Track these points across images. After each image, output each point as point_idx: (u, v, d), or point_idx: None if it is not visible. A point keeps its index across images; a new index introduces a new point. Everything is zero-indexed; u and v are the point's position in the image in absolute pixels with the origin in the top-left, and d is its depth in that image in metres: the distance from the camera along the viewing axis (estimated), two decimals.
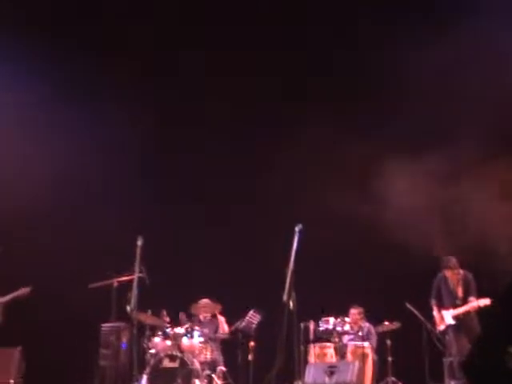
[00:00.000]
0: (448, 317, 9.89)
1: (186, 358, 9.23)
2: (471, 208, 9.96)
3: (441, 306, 10.02)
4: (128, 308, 9.29)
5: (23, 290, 10.01)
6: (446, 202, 10.16)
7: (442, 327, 9.94)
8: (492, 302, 9.23)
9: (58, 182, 10.96)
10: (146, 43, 11.70)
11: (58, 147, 11.26)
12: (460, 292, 9.92)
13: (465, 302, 9.84)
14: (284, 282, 8.63)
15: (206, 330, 9.90)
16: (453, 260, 9.90)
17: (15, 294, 10.00)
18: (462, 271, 9.91)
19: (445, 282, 10.02)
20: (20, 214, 10.67)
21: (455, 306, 9.89)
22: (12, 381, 10.43)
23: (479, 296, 9.65)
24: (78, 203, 11.04)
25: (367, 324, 10.52)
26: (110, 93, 11.56)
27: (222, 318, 10.29)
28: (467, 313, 9.74)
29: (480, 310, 9.57)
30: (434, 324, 10.09)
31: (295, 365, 9.00)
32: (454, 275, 9.94)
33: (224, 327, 10.26)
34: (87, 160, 11.32)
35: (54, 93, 11.16)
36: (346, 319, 10.36)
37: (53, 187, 10.89)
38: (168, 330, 9.64)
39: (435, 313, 10.04)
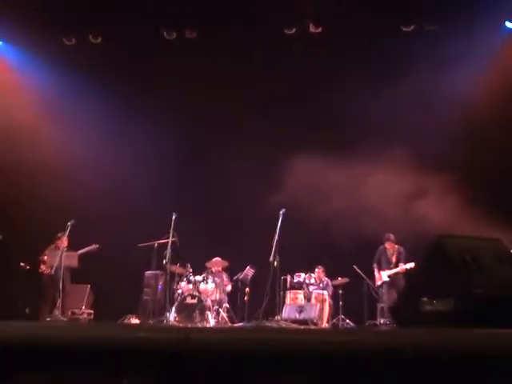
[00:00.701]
0: (384, 276, 9.92)
1: (201, 297, 9.21)
2: None
3: (380, 269, 10.05)
4: (164, 261, 9.28)
5: (93, 246, 9.97)
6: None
7: (379, 283, 10.02)
8: (414, 266, 9.30)
9: (120, 174, 10.74)
10: None
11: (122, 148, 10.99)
12: (394, 259, 9.94)
13: (396, 266, 9.88)
14: (271, 248, 8.60)
15: (216, 279, 9.87)
16: (391, 236, 9.92)
17: (88, 248, 9.95)
18: (396, 245, 9.94)
19: (384, 252, 10.04)
20: (94, 198, 10.52)
21: (390, 269, 9.92)
22: (84, 307, 10.45)
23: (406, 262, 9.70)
24: (136, 190, 10.75)
25: (326, 279, 10.48)
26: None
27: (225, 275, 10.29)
28: (397, 273, 9.78)
29: (406, 272, 9.60)
30: (373, 280, 10.10)
31: (276, 305, 8.96)
32: (391, 247, 9.97)
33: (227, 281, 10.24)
34: (143, 157, 10.99)
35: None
36: (312, 275, 10.35)
37: (116, 178, 10.70)
38: (190, 278, 9.63)
39: (376, 273, 10.07)
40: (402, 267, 9.74)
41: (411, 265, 9.56)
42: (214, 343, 2.30)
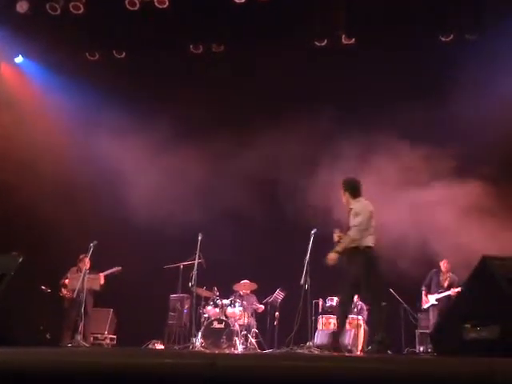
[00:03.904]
0: (432, 299, 9.87)
1: (229, 322, 9.18)
2: None
3: (428, 293, 9.97)
4: (190, 284, 9.29)
5: (117, 269, 10.04)
6: None
7: (425, 306, 10.02)
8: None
9: (145, 194, 10.78)
10: None
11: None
12: (446, 284, 9.83)
13: (447, 291, 9.74)
14: (302, 270, 8.54)
15: (244, 302, 9.83)
16: (446, 261, 9.83)
17: (111, 270, 10.02)
18: (450, 272, 9.80)
19: (436, 275, 9.96)
20: (117, 219, 10.60)
21: (439, 293, 9.82)
22: (106, 332, 10.51)
23: None
24: (162, 210, 10.77)
25: (361, 303, 10.34)
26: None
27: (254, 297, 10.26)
28: (448, 297, 9.62)
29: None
30: (419, 303, 10.06)
31: (308, 330, 8.87)
32: (445, 272, 9.84)
33: (256, 304, 10.21)
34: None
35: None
36: None
37: (140, 197, 10.74)
38: (217, 301, 9.61)
39: (423, 295, 10.02)
40: (454, 290, 9.49)
41: (459, 289, 9.35)
42: (241, 370, 2.29)
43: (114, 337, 10.69)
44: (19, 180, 10.38)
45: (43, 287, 9.22)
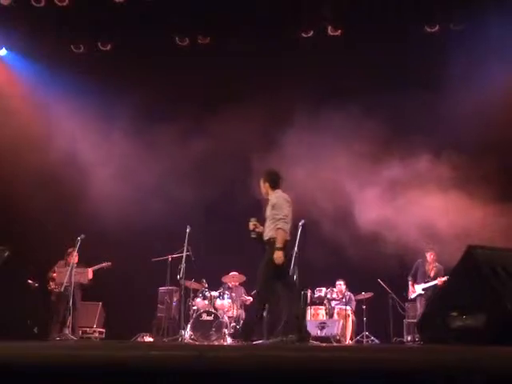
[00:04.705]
0: (419, 289, 9.88)
1: (218, 314, 9.19)
2: None
3: (415, 282, 9.98)
4: (178, 276, 9.27)
5: (106, 264, 10.00)
6: None
7: (412, 296, 10.03)
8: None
9: (132, 186, 10.74)
10: None
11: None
12: (432, 273, 9.82)
13: (434, 280, 9.73)
14: (290, 262, 8.54)
15: (233, 294, 9.84)
16: (433, 250, 9.82)
17: (100, 265, 9.98)
18: (437, 263, 9.82)
19: (422, 265, 9.96)
20: (104, 212, 10.50)
21: (425, 283, 9.83)
22: (95, 326, 10.49)
23: None
24: (149, 203, 10.73)
25: (349, 293, 10.41)
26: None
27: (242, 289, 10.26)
28: (434, 287, 9.61)
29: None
30: (406, 294, 10.06)
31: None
32: (431, 261, 9.85)
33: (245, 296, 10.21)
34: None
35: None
36: (334, 289, 10.29)
37: (127, 190, 10.68)
38: (206, 293, 9.61)
39: (410, 285, 10.02)
40: (441, 280, 9.47)
41: (445, 278, 9.38)
42: (228, 361, 2.29)
43: (103, 330, 10.66)
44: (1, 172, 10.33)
45: (30, 281, 9.19)
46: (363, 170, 10.16)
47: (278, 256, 6.52)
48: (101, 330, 10.61)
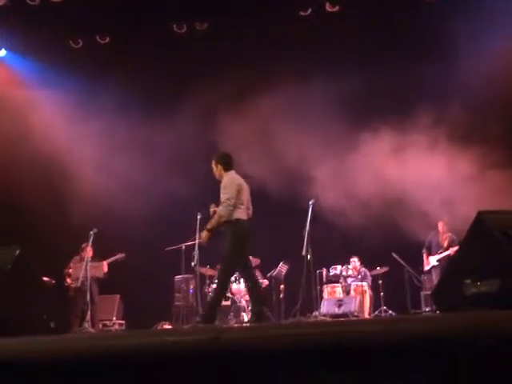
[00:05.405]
0: (433, 260, 9.89)
1: (235, 298, 9.23)
2: None
3: (429, 254, 9.98)
4: (192, 264, 9.29)
5: (120, 255, 10.06)
6: None
7: (427, 268, 10.04)
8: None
9: (141, 176, 10.75)
10: None
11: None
12: (445, 244, 9.79)
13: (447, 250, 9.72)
14: (303, 241, 8.55)
15: None
16: (445, 220, 9.78)
17: (114, 257, 10.05)
18: (450, 233, 9.78)
19: (435, 236, 9.96)
20: (115, 204, 10.48)
21: (439, 254, 9.82)
22: (114, 318, 10.57)
23: None
24: (159, 192, 10.70)
25: (364, 269, 10.41)
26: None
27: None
28: (448, 257, 9.58)
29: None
30: (421, 266, 10.07)
31: (313, 300, 8.92)
32: (443, 232, 9.82)
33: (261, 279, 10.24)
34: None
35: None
36: (349, 266, 10.30)
37: (136, 180, 10.69)
38: None
39: (424, 258, 10.03)
40: (454, 249, 9.37)
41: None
42: (246, 342, 2.29)
43: (123, 322, 10.74)
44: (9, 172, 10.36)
45: (46, 278, 9.27)
46: (368, 139, 10.12)
47: (204, 235, 6.58)
48: (120, 321, 10.69)
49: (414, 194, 9.56)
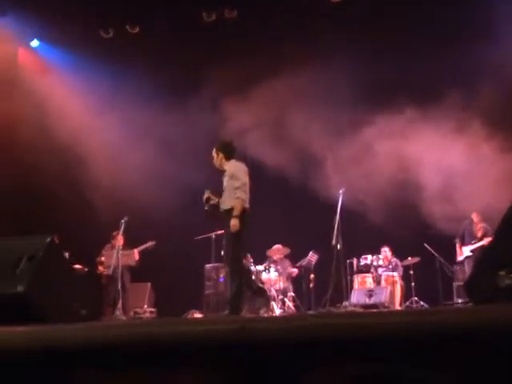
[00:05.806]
0: (466, 251, 9.72)
1: (265, 287, 9.23)
2: None
3: (462, 244, 9.81)
4: (222, 253, 9.30)
5: (151, 243, 10.14)
6: None
7: (460, 258, 9.84)
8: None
9: (171, 165, 10.72)
10: None
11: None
12: (479, 234, 9.60)
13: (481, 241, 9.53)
14: (333, 231, 8.51)
15: (278, 267, 9.87)
16: (479, 212, 9.60)
17: (145, 245, 10.14)
18: (484, 223, 9.60)
19: (469, 226, 9.76)
20: (146, 192, 10.49)
21: (472, 244, 9.65)
22: (146, 306, 10.68)
23: None
24: (189, 180, 10.62)
25: (395, 259, 10.31)
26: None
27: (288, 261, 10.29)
28: (482, 247, 9.38)
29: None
30: (454, 256, 9.89)
31: (343, 290, 8.88)
32: (478, 222, 9.65)
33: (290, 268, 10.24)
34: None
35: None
36: (380, 256, 10.20)
37: (166, 169, 10.68)
38: (252, 268, 9.65)
39: (457, 248, 9.85)
40: (488, 240, 9.09)
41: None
42: (272, 332, 2.27)
43: (154, 310, 10.85)
44: (42, 163, 10.48)
45: (79, 266, 9.41)
46: (400, 126, 9.96)
47: (234, 224, 6.46)
48: (151, 309, 10.80)
49: (446, 183, 9.40)
